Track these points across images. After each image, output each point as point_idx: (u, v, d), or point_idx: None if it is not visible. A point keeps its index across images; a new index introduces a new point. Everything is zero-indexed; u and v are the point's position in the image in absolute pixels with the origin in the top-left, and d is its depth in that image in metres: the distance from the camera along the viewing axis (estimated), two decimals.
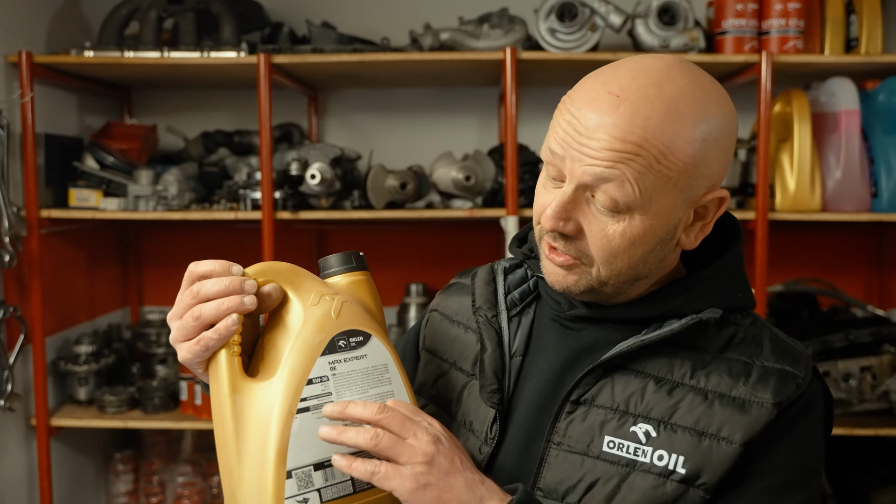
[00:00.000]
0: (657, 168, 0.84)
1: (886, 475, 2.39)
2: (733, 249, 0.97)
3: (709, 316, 0.90)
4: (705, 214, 0.91)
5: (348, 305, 0.92)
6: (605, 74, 0.88)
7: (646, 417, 0.89)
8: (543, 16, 2.19)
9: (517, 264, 1.07)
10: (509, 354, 1.00)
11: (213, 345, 0.86)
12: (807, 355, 0.93)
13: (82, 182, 2.31)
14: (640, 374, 0.91)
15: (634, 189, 0.84)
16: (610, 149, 0.83)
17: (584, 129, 0.85)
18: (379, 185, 2.23)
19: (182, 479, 2.62)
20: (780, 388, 0.88)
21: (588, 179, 0.85)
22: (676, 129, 0.84)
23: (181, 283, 0.92)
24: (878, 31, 2.20)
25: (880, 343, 2.30)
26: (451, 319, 1.09)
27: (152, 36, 2.24)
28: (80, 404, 2.36)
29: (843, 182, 2.18)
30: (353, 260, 0.97)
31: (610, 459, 0.89)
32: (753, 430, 0.86)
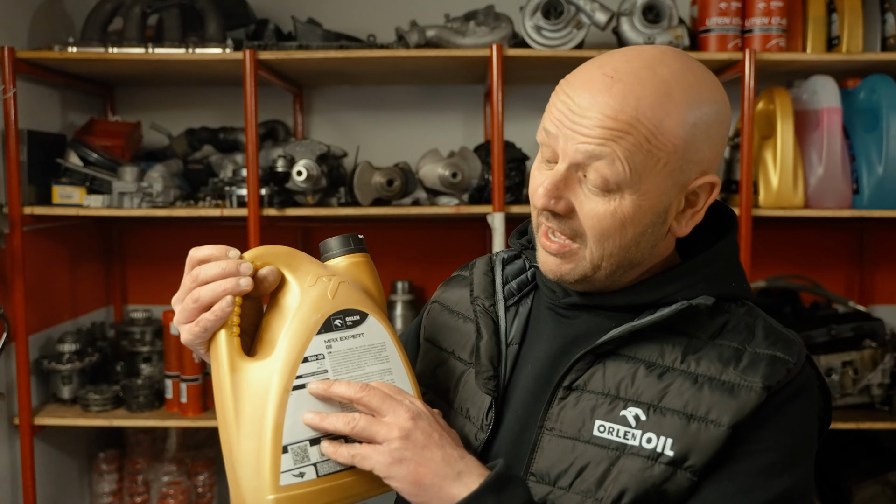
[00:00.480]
0: (647, 148, 0.86)
1: (867, 468, 2.42)
2: (727, 238, 0.98)
3: (699, 302, 0.91)
4: (696, 201, 0.93)
5: (345, 286, 0.94)
6: (601, 59, 0.91)
7: (636, 401, 0.90)
8: (529, 13, 2.19)
9: (515, 255, 1.09)
10: (506, 343, 1.01)
11: (211, 326, 0.89)
12: (800, 343, 0.93)
13: (66, 179, 2.29)
14: (632, 360, 0.92)
15: (625, 167, 0.86)
16: (601, 126, 0.86)
17: (577, 109, 0.88)
18: (365, 182, 2.23)
19: (167, 478, 2.60)
20: (771, 372, 0.88)
21: (580, 157, 0.88)
22: (668, 110, 0.86)
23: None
24: (859, 29, 2.22)
25: (861, 338, 2.33)
26: (451, 310, 1.11)
27: (136, 32, 2.23)
28: (63, 403, 2.34)
29: (825, 179, 2.21)
30: (352, 242, 0.99)
31: (600, 443, 0.90)
32: (742, 413, 0.87)
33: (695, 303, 0.91)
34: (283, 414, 0.88)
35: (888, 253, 2.71)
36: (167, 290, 2.88)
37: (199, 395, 2.28)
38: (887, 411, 2.27)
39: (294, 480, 0.87)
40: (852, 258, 2.73)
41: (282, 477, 0.87)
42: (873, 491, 2.36)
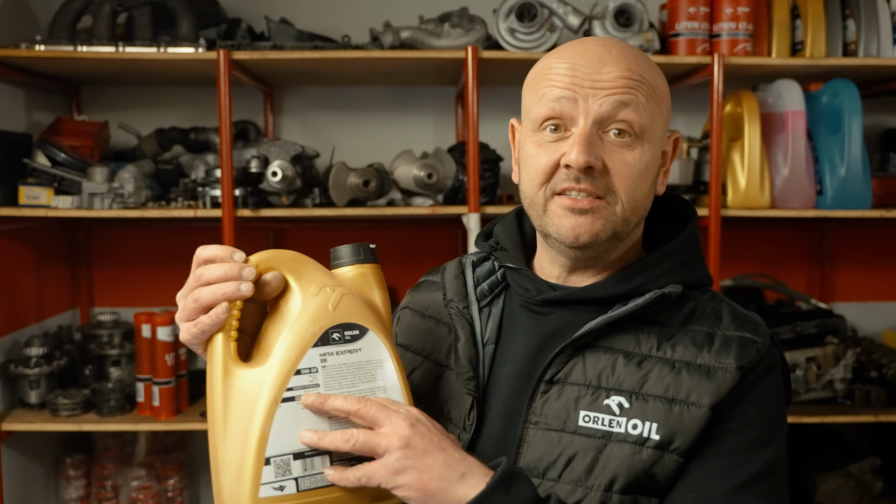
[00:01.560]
0: (654, 98, 0.95)
1: (830, 461, 2.49)
2: (688, 228, 1.03)
3: (671, 290, 0.95)
4: (666, 160, 1.02)
5: (348, 298, 0.93)
6: (576, 41, 0.99)
7: (618, 390, 0.93)
8: (503, 16, 2.22)
9: (484, 258, 1.10)
10: (482, 343, 1.03)
11: (208, 328, 0.88)
12: (764, 324, 0.99)
13: (32, 179, 2.24)
14: (610, 350, 0.95)
15: (645, 113, 0.94)
16: (623, 77, 0.93)
17: (590, 70, 0.93)
18: (341, 183, 2.23)
19: (136, 482, 2.56)
20: (742, 353, 0.93)
21: (606, 110, 0.93)
22: (653, 68, 0.98)
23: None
24: (822, 35, 2.29)
25: (824, 335, 2.40)
26: (423, 314, 1.12)
27: (106, 30, 2.20)
28: (31, 408, 2.29)
29: (791, 180, 2.27)
30: (362, 252, 0.97)
31: (586, 433, 0.93)
32: (720, 393, 0.91)
33: (667, 291, 0.95)
34: (269, 425, 0.87)
35: (848, 252, 2.80)
36: (135, 292, 2.86)
37: (171, 397, 2.25)
38: (849, 405, 2.34)
39: (273, 493, 0.87)
40: (813, 257, 2.81)
41: (261, 489, 0.86)
42: (836, 483, 2.43)
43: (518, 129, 1.04)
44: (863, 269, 2.82)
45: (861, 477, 2.44)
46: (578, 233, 0.94)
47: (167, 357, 2.24)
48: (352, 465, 0.89)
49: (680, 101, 2.71)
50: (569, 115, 0.93)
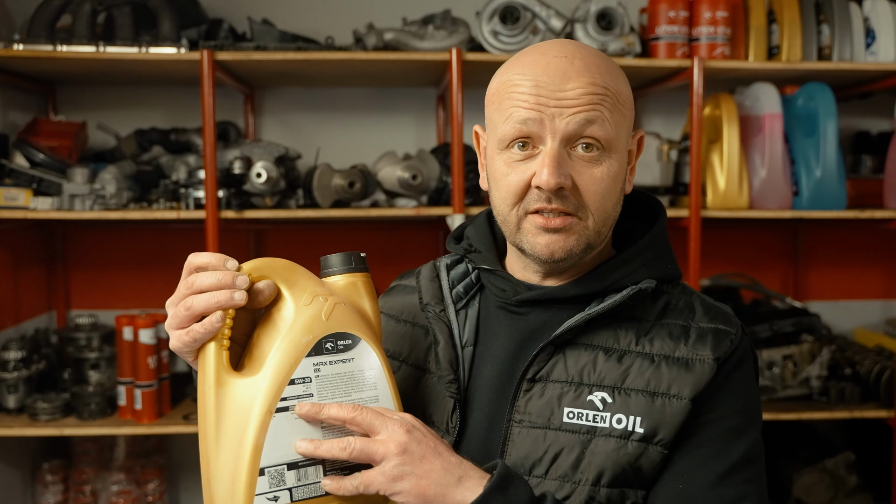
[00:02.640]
0: (618, 107, 0.96)
1: (806, 457, 2.55)
2: (658, 224, 1.06)
3: (646, 286, 0.98)
4: (631, 158, 1.03)
5: (341, 307, 0.93)
6: (537, 50, 0.98)
7: (600, 386, 0.95)
8: (486, 18, 2.23)
9: (458, 260, 1.11)
10: (461, 345, 1.04)
11: (201, 337, 0.88)
12: (734, 315, 1.02)
13: (9, 181, 2.21)
14: (590, 347, 0.98)
15: (611, 126, 0.95)
16: (587, 92, 0.93)
17: (554, 87, 0.93)
18: (325, 184, 2.22)
19: (116, 487, 2.54)
20: (717, 344, 0.96)
21: (574, 128, 0.93)
22: (615, 73, 0.98)
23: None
24: (798, 39, 2.34)
25: (800, 333, 2.45)
26: (397, 319, 1.13)
27: (86, 30, 2.17)
28: (8, 413, 2.26)
29: (768, 181, 2.32)
30: (352, 261, 0.97)
31: (571, 429, 0.95)
32: (699, 385, 0.94)
33: (642, 286, 0.98)
34: (263, 435, 0.87)
35: (821, 251, 2.86)
36: (113, 294, 2.83)
37: (154, 400, 2.23)
38: (825, 402, 2.39)
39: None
40: (788, 256, 2.86)
41: (256, 499, 0.86)
42: (811, 478, 2.49)
43: (483, 137, 1.06)
44: (835, 269, 2.88)
45: (836, 472, 2.50)
46: (553, 250, 0.97)
47: (149, 360, 2.22)
48: (346, 473, 0.89)
49: (659, 103, 2.76)
50: (536, 135, 0.94)
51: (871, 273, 2.90)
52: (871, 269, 2.90)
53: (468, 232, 1.12)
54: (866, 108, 2.78)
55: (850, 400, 2.39)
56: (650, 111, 2.76)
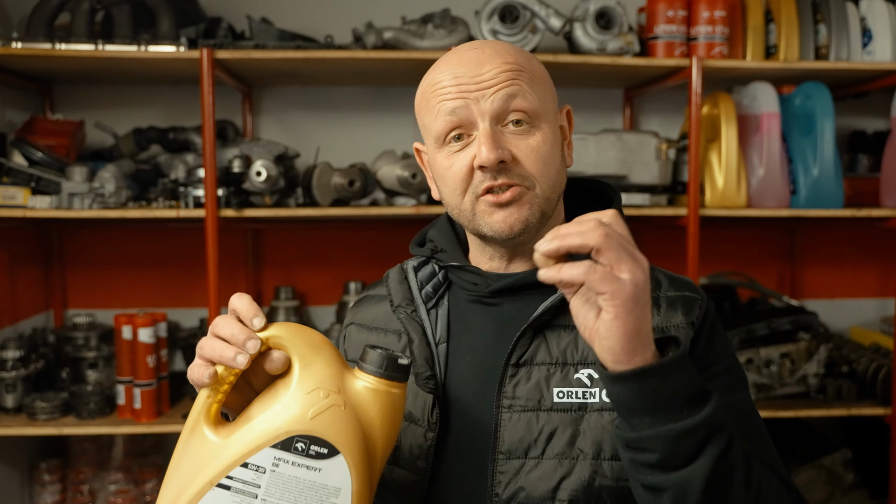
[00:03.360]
0: (535, 80, 1.01)
1: (803, 455, 2.56)
2: (614, 205, 1.08)
3: None
4: (566, 133, 1.08)
5: (336, 412, 0.86)
6: (449, 54, 1.04)
7: (584, 363, 0.99)
8: (486, 17, 2.23)
9: (424, 262, 1.13)
10: (435, 342, 1.06)
11: (198, 381, 0.88)
12: (694, 284, 1.08)
13: (7, 179, 2.20)
14: (568, 328, 1.01)
15: (533, 97, 0.99)
16: (502, 70, 0.98)
17: (471, 73, 0.98)
18: (325, 183, 2.22)
19: (114, 486, 2.53)
20: (688, 310, 1.01)
21: (499, 104, 0.98)
22: (527, 56, 1.03)
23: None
24: (795, 39, 2.35)
25: (797, 331, 2.46)
26: (370, 328, 1.14)
27: (84, 28, 2.17)
28: (7, 412, 2.25)
29: (766, 180, 2.33)
30: (385, 365, 0.88)
31: (562, 408, 0.98)
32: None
33: None
34: (196, 501, 0.85)
35: (817, 250, 2.87)
36: (111, 293, 2.83)
37: (153, 399, 2.23)
38: (822, 399, 2.40)
39: None
40: (784, 255, 2.88)
41: None
42: (809, 475, 2.50)
43: (424, 151, 1.09)
44: (831, 267, 2.90)
45: (833, 469, 2.51)
46: (510, 223, 0.99)
47: (148, 358, 2.21)
48: None
49: (657, 102, 2.76)
50: (467, 121, 0.98)
51: (867, 271, 2.91)
52: (866, 268, 2.91)
53: (431, 235, 1.15)
54: (863, 108, 2.80)
55: (847, 398, 2.40)
56: (648, 110, 2.77)
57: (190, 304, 2.68)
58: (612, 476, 0.95)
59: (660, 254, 2.71)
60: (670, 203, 2.39)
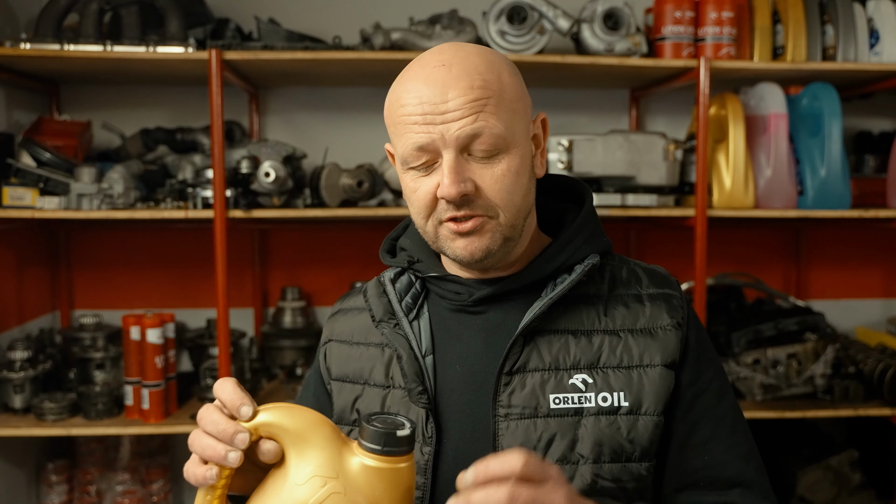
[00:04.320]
0: (504, 104, 0.97)
1: (809, 455, 2.56)
2: (586, 203, 1.10)
3: (593, 261, 1.02)
4: (539, 141, 1.05)
5: (338, 500, 0.80)
6: (417, 64, 0.99)
7: (578, 368, 1.00)
8: (493, 18, 2.24)
9: (399, 272, 1.12)
10: (421, 355, 1.04)
11: (195, 482, 0.85)
12: (668, 273, 1.10)
13: (16, 180, 2.20)
14: (558, 332, 1.01)
15: (500, 124, 0.96)
16: (469, 100, 0.94)
17: (437, 100, 0.95)
18: (333, 184, 2.22)
19: (121, 487, 2.53)
20: (670, 309, 1.04)
21: (463, 138, 0.95)
22: (498, 68, 0.98)
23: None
24: (802, 40, 2.35)
25: (804, 331, 2.46)
26: (350, 342, 1.13)
27: (93, 29, 2.17)
28: (15, 413, 2.25)
29: (773, 181, 2.33)
30: (385, 442, 0.81)
31: (560, 414, 0.98)
32: (667, 350, 1.01)
33: (593, 262, 1.02)
34: None
35: (823, 250, 2.88)
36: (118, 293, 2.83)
37: (161, 400, 2.23)
38: (829, 400, 2.41)
39: None
40: (790, 255, 2.88)
41: None
42: (815, 476, 2.50)
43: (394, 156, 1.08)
44: (837, 268, 2.90)
45: (840, 470, 2.51)
46: (471, 250, 0.99)
47: (157, 359, 2.21)
48: None
49: (664, 103, 2.77)
50: (431, 149, 0.96)
51: (873, 272, 2.92)
52: (872, 268, 2.91)
53: (403, 244, 1.13)
54: (869, 108, 2.80)
55: (853, 398, 2.40)
56: (655, 111, 2.77)
57: (197, 305, 2.68)
58: (611, 478, 0.97)
59: (667, 254, 2.73)
60: (678, 204, 2.39)
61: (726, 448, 1.02)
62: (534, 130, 1.04)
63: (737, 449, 1.02)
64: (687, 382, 1.02)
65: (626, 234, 2.79)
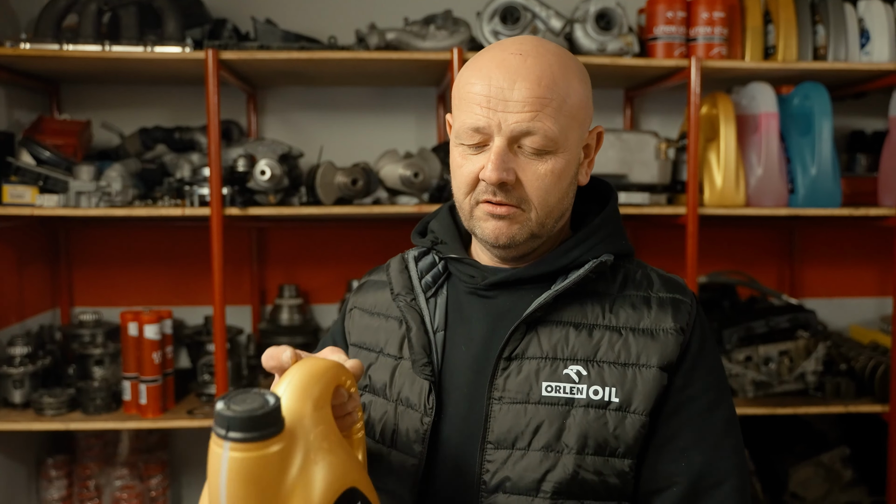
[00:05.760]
0: (565, 108, 1.01)
1: (802, 452, 2.58)
2: (610, 205, 1.13)
3: (605, 258, 1.05)
4: (589, 152, 1.10)
5: None
6: (497, 47, 1.04)
7: (574, 359, 1.02)
8: (487, 18, 2.26)
9: (424, 252, 1.17)
10: (433, 331, 1.09)
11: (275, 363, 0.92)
12: (685, 283, 1.12)
13: (16, 178, 2.23)
14: (560, 324, 1.04)
15: (555, 127, 1.00)
16: (528, 100, 0.99)
17: (504, 86, 0.99)
18: (328, 182, 2.25)
19: (119, 482, 2.56)
20: (677, 314, 1.05)
21: (518, 131, 0.99)
22: (569, 75, 1.02)
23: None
24: (794, 40, 2.37)
25: (795, 329, 2.48)
26: (371, 312, 1.18)
27: (92, 29, 2.20)
28: (14, 408, 2.28)
29: (764, 179, 2.35)
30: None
31: (550, 402, 1.01)
32: (665, 353, 1.03)
33: (603, 259, 1.05)
34: None
35: (816, 249, 2.90)
36: (117, 291, 2.86)
37: (158, 395, 2.26)
38: (820, 397, 2.43)
39: None
40: (783, 254, 2.90)
41: None
42: (807, 472, 2.52)
43: (451, 125, 1.12)
44: (830, 266, 2.92)
45: (831, 466, 2.53)
46: (497, 234, 1.04)
47: (154, 355, 2.24)
48: None
49: (657, 102, 2.79)
50: (486, 131, 1.00)
51: (866, 270, 2.93)
52: (865, 267, 2.93)
53: (432, 226, 1.19)
54: (861, 108, 2.82)
55: (845, 395, 2.42)
56: (648, 110, 2.80)
57: (195, 303, 2.71)
58: (593, 470, 0.99)
59: (659, 252, 2.75)
60: (670, 202, 2.41)
61: (706, 460, 1.02)
62: (587, 140, 1.08)
63: (718, 463, 1.02)
64: (678, 386, 1.03)
65: None
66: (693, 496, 1.01)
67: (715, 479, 1.02)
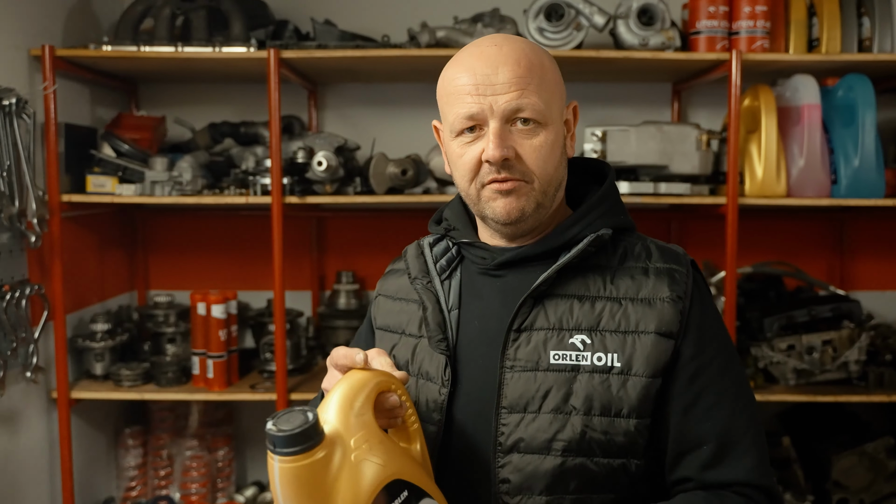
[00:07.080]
0: (545, 84, 1.12)
1: (845, 441, 2.60)
2: (607, 182, 1.22)
3: (603, 233, 1.14)
4: (570, 126, 1.20)
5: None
6: (472, 45, 1.16)
7: (578, 329, 1.12)
8: (532, 16, 2.36)
9: (439, 238, 1.28)
10: (447, 309, 1.20)
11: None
12: (684, 253, 1.20)
13: (98, 169, 2.44)
14: (565, 297, 1.14)
15: (540, 101, 1.11)
16: (516, 76, 1.09)
17: (488, 72, 1.10)
18: (380, 172, 2.39)
19: (189, 452, 2.76)
20: (672, 283, 1.13)
21: (510, 108, 1.10)
22: (541, 55, 1.14)
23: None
24: (837, 32, 2.40)
25: (840, 319, 2.51)
26: (394, 298, 1.30)
27: (166, 31, 2.39)
28: (95, 379, 2.50)
29: (806, 170, 2.38)
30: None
31: (558, 369, 1.11)
32: (663, 320, 1.11)
33: (601, 233, 1.14)
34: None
35: (866, 241, 2.89)
36: (187, 275, 3.07)
37: (224, 370, 2.44)
38: (863, 386, 2.44)
39: None
40: (832, 246, 2.91)
41: None
42: (850, 461, 2.54)
43: (441, 130, 1.23)
44: (882, 259, 2.91)
45: (875, 456, 2.54)
46: (509, 210, 1.13)
47: (220, 333, 2.42)
48: None
49: (701, 95, 2.84)
50: (480, 118, 1.11)
51: None
52: None
53: (446, 214, 1.29)
54: None
55: (889, 385, 2.43)
56: (693, 104, 2.85)
57: (259, 287, 2.90)
58: (600, 430, 1.09)
59: (703, 242, 2.80)
60: (712, 193, 2.46)
61: (728, 417, 1.11)
62: (566, 115, 1.18)
63: (737, 420, 1.11)
64: (690, 355, 1.11)
65: (668, 223, 2.87)
66: (720, 451, 1.10)
67: (737, 434, 1.10)
